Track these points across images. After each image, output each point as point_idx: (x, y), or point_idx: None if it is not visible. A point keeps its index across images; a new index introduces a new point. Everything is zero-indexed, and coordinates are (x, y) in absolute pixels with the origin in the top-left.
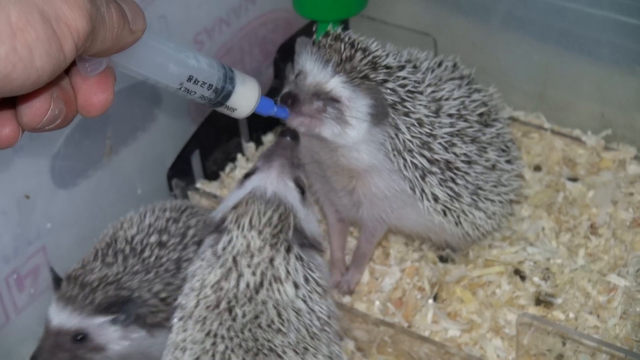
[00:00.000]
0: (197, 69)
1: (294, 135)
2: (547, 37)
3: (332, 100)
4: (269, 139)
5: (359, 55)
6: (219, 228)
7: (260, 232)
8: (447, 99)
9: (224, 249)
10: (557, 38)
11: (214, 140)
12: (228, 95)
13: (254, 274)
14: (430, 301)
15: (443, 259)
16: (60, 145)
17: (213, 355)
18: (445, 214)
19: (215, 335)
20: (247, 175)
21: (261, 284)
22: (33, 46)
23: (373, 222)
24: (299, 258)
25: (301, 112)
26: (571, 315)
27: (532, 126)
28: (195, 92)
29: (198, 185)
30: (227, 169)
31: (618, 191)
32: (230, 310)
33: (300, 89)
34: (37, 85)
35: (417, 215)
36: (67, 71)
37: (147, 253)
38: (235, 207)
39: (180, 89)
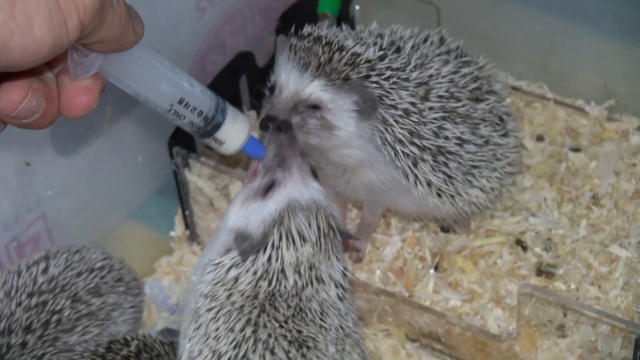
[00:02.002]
0: (190, 93)
1: (286, 125)
2: (550, 7)
3: (312, 107)
4: None
5: (337, 55)
6: (261, 244)
7: (314, 244)
8: (435, 79)
9: (268, 260)
10: (560, 8)
11: None
12: (218, 126)
13: (300, 276)
14: (431, 271)
15: (444, 229)
16: None
17: (255, 343)
18: (439, 195)
19: (256, 324)
20: (268, 188)
21: (306, 284)
22: (33, 15)
23: (373, 201)
24: (339, 259)
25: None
26: (572, 286)
27: (534, 96)
28: (185, 117)
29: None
30: None
31: (620, 162)
32: (271, 301)
33: (276, 108)
34: (37, 58)
35: (412, 201)
36: (54, 68)
37: None
38: (277, 223)
39: (170, 110)
